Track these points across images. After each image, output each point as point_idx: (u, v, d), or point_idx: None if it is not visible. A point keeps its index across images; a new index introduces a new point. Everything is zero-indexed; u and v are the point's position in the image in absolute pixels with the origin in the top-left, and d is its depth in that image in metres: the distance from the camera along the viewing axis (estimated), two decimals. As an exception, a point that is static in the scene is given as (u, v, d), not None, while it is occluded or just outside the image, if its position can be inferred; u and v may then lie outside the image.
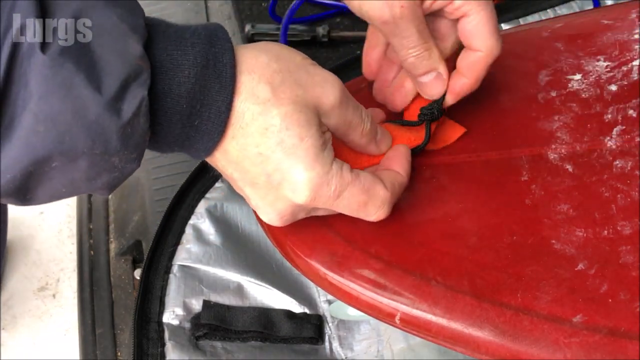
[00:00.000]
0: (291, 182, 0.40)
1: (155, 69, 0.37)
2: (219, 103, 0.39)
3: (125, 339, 0.66)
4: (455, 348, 0.41)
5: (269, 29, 0.91)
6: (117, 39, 0.35)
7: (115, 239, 0.74)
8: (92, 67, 0.34)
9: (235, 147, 0.40)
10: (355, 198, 0.42)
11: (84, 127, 0.34)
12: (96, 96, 0.34)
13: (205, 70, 0.38)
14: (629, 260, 0.41)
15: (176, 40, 0.38)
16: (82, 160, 0.35)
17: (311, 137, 0.40)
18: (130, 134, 0.36)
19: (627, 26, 0.55)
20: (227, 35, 0.40)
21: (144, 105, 0.36)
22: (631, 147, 0.46)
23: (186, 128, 0.39)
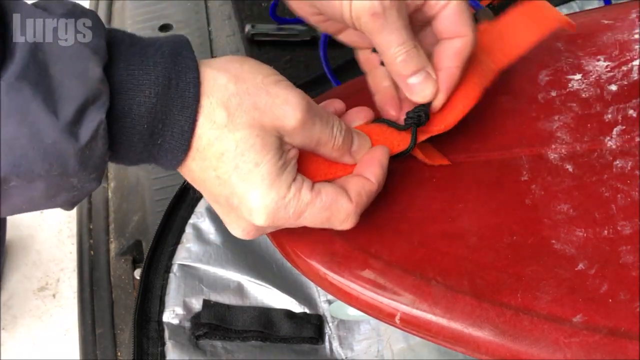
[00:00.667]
0: (247, 207, 0.40)
1: (116, 89, 0.37)
2: (182, 122, 0.38)
3: (125, 339, 0.66)
4: (455, 348, 0.41)
5: (269, 29, 0.91)
6: (76, 62, 0.35)
7: (115, 239, 0.74)
8: (50, 91, 0.34)
9: (196, 168, 0.40)
10: (316, 216, 0.42)
11: (40, 151, 0.34)
12: (53, 120, 0.34)
13: (167, 90, 0.38)
14: (629, 260, 0.41)
15: (139, 59, 0.38)
16: (40, 181, 0.36)
17: (267, 163, 0.39)
18: (89, 157, 0.36)
19: (627, 26, 0.55)
20: (191, 52, 0.39)
21: (102, 128, 0.36)
22: (631, 147, 0.46)
23: (148, 147, 0.39)
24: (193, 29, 0.96)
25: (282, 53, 0.90)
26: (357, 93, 0.54)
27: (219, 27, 0.96)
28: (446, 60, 0.46)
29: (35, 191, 0.36)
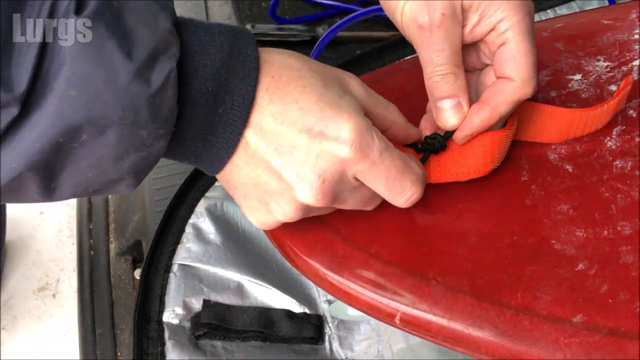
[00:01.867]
0: (335, 128, 0.39)
1: (183, 50, 0.38)
2: (242, 90, 0.39)
3: (125, 339, 0.66)
4: (455, 348, 0.41)
5: (269, 29, 0.91)
6: (147, 14, 0.36)
7: (115, 239, 0.74)
8: (124, 34, 0.35)
9: (274, 109, 0.40)
10: (395, 161, 0.41)
11: (114, 93, 0.35)
12: (127, 62, 0.35)
13: (230, 57, 0.39)
14: (629, 260, 0.41)
15: (204, 29, 0.39)
16: (112, 131, 0.35)
17: (349, 98, 0.41)
18: (159, 106, 0.36)
19: (627, 26, 0.55)
20: (251, 34, 0.41)
21: (173, 76, 0.36)
22: (631, 147, 0.46)
23: (210, 115, 0.39)
24: (193, 29, 0.95)
25: (282, 53, 0.90)
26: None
27: (219, 27, 0.96)
28: (488, 96, 0.44)
29: (105, 147, 0.36)
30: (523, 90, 0.43)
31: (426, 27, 0.43)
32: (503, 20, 0.42)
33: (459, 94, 0.44)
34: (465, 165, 0.46)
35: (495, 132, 0.45)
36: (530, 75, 0.43)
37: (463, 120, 0.45)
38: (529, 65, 0.43)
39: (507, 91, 0.43)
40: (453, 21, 0.42)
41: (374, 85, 0.55)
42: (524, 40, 0.42)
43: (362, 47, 0.89)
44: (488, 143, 0.45)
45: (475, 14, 0.43)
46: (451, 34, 0.43)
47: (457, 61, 0.44)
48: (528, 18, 0.43)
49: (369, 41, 0.89)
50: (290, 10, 0.96)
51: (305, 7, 0.96)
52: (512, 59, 0.43)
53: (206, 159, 0.41)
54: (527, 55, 0.43)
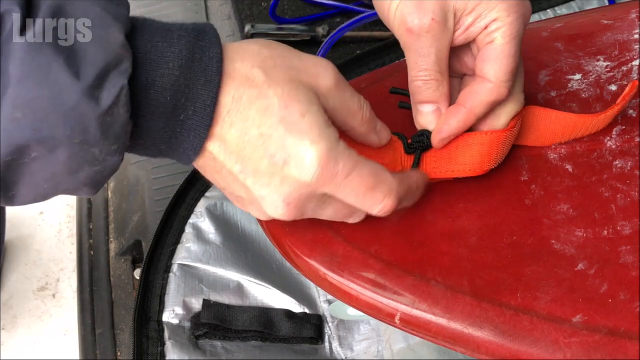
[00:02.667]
0: (297, 157, 0.38)
1: (139, 60, 0.37)
2: (205, 97, 0.38)
3: (125, 339, 0.66)
4: (455, 348, 0.41)
5: (269, 29, 0.91)
6: (98, 28, 0.35)
7: (115, 239, 0.74)
8: (72, 53, 0.34)
9: (235, 134, 0.39)
10: (364, 180, 0.39)
11: (61, 114, 0.34)
12: (74, 82, 0.34)
13: (191, 63, 0.37)
14: (629, 260, 0.41)
15: (162, 33, 0.38)
16: (62, 150, 0.35)
17: (313, 114, 0.39)
18: (110, 124, 0.35)
19: (627, 26, 0.55)
20: (215, 31, 0.39)
21: (124, 94, 0.35)
22: (631, 147, 0.46)
23: (171, 122, 0.38)
24: (193, 29, 0.95)
25: (282, 53, 0.90)
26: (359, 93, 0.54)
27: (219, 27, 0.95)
28: (463, 98, 0.44)
29: (58, 164, 0.35)
30: (499, 92, 0.43)
31: (415, 31, 0.43)
32: (496, 20, 0.42)
33: (440, 100, 0.44)
34: (462, 162, 0.46)
35: (496, 132, 0.45)
36: (507, 77, 0.43)
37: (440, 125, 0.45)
38: (507, 67, 0.43)
39: (482, 93, 0.43)
40: (442, 27, 0.42)
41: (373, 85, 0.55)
42: (510, 43, 0.43)
43: (362, 47, 0.89)
44: (486, 142, 0.45)
45: (469, 16, 0.43)
46: (439, 39, 0.43)
47: (441, 68, 0.43)
48: (521, 21, 0.43)
49: (369, 41, 0.89)
50: (290, 10, 0.96)
51: (305, 7, 0.96)
52: (494, 59, 0.43)
53: (175, 157, 0.40)
54: (509, 58, 0.43)
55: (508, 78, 0.43)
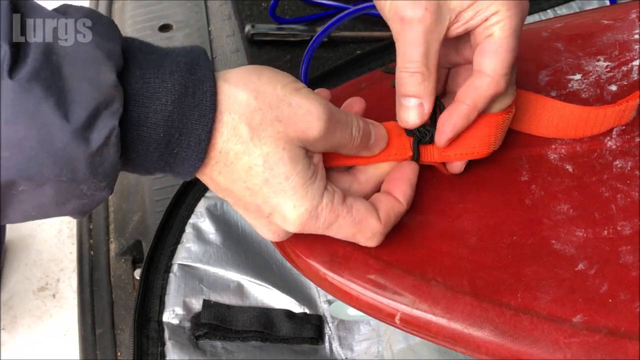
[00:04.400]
0: (281, 215, 0.40)
1: (131, 96, 0.36)
2: (199, 131, 0.38)
3: (125, 339, 0.66)
4: (455, 348, 0.41)
5: (269, 29, 0.91)
6: (90, 66, 0.35)
7: (115, 239, 0.74)
8: (62, 94, 0.34)
9: (223, 180, 0.40)
10: (344, 230, 0.42)
11: (50, 154, 0.34)
12: (64, 124, 0.34)
13: (184, 98, 0.37)
14: (629, 260, 0.41)
15: (154, 67, 0.37)
16: (49, 186, 0.35)
17: (297, 175, 0.40)
18: (99, 163, 0.35)
19: (627, 26, 0.55)
20: (208, 62, 0.39)
21: (114, 135, 0.35)
22: (631, 147, 0.46)
23: (164, 156, 0.38)
24: (193, 29, 0.95)
25: (282, 53, 0.90)
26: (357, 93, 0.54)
27: (219, 27, 0.96)
28: (464, 93, 0.44)
29: (45, 197, 0.36)
30: (497, 85, 0.43)
31: (407, 20, 0.42)
32: (496, 14, 0.42)
33: (423, 95, 0.44)
34: (469, 145, 0.45)
35: (496, 114, 0.45)
36: (505, 71, 0.43)
37: (421, 121, 0.44)
38: (506, 61, 0.43)
39: (481, 87, 0.43)
40: (435, 19, 0.42)
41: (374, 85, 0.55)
42: (510, 37, 0.43)
43: (362, 47, 0.89)
44: (492, 124, 0.45)
45: (468, 10, 0.43)
46: (430, 31, 0.42)
47: (429, 62, 0.43)
48: (519, 16, 0.43)
49: (369, 41, 0.89)
50: (290, 10, 0.96)
51: (305, 7, 0.96)
52: (492, 52, 0.43)
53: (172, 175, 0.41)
54: (507, 52, 0.43)
55: (506, 72, 0.43)
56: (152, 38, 0.94)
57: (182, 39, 0.94)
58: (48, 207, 0.37)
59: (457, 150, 0.46)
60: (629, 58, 0.52)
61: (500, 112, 0.45)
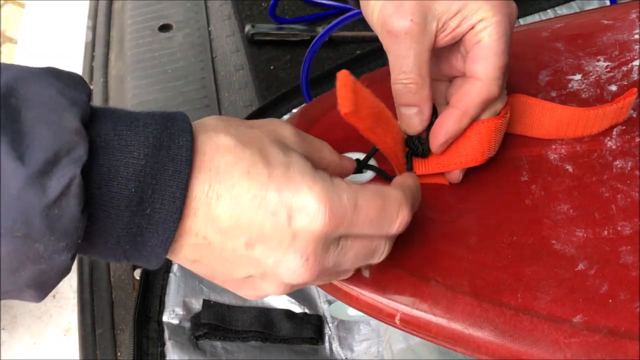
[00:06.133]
0: (300, 207, 0.35)
1: (100, 148, 0.33)
2: (174, 188, 0.34)
3: (125, 339, 0.66)
4: (455, 348, 0.41)
5: (269, 29, 0.91)
6: (51, 112, 0.32)
7: (115, 238, 0.74)
8: (18, 137, 0.31)
9: (224, 206, 0.35)
10: (371, 203, 0.37)
11: (3, 202, 0.30)
12: (18, 167, 0.30)
13: (158, 151, 0.34)
14: (629, 260, 0.41)
15: (127, 121, 0.35)
16: (2, 243, 0.31)
17: (296, 162, 0.36)
18: (57, 217, 0.32)
19: (627, 26, 0.55)
20: (185, 117, 0.36)
21: (75, 184, 0.32)
22: (631, 147, 0.46)
23: (136, 217, 0.34)
24: (193, 29, 0.96)
25: (282, 53, 0.90)
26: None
27: (219, 27, 0.96)
28: (456, 99, 0.44)
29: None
30: (489, 89, 0.43)
31: (394, 32, 0.42)
32: (483, 20, 0.42)
33: (420, 103, 0.44)
34: (463, 154, 0.46)
35: (490, 119, 0.45)
36: (496, 74, 0.43)
37: (422, 127, 0.45)
38: (496, 64, 0.43)
39: (474, 92, 0.43)
40: (422, 29, 0.42)
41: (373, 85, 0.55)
42: (498, 40, 0.42)
43: (362, 47, 0.89)
44: (484, 131, 0.45)
45: (454, 19, 0.43)
46: (418, 41, 0.42)
47: (421, 70, 0.43)
48: (507, 19, 0.43)
49: (369, 41, 0.90)
50: (290, 10, 0.96)
51: (305, 7, 0.96)
52: (483, 57, 0.43)
53: (141, 259, 0.36)
54: (497, 55, 0.43)
55: (497, 75, 0.43)
56: (152, 38, 0.94)
57: (182, 39, 0.94)
58: (1, 276, 0.32)
59: (453, 159, 0.46)
60: (629, 58, 0.52)
61: (494, 118, 0.45)
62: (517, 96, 0.48)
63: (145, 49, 0.92)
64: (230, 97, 0.87)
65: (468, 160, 0.46)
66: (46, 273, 0.33)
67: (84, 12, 1.02)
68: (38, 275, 0.33)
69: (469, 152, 0.46)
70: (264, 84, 0.86)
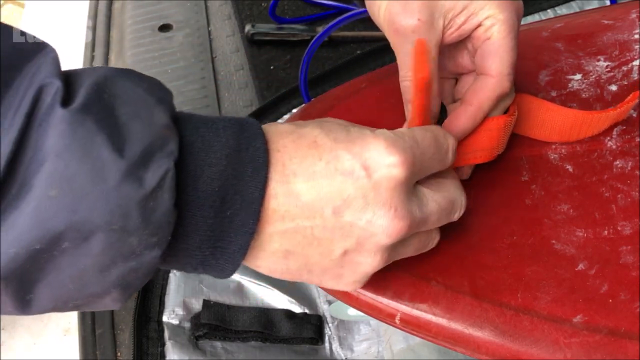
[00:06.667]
0: (374, 158, 0.36)
1: (186, 148, 0.34)
2: (252, 189, 0.35)
3: (125, 339, 0.66)
4: (455, 348, 0.41)
5: (269, 29, 0.91)
6: (141, 108, 0.33)
7: (115, 239, 0.74)
8: (115, 128, 0.32)
9: (303, 180, 0.36)
10: (424, 134, 0.38)
11: (102, 194, 0.31)
12: (117, 159, 0.31)
13: (238, 152, 0.35)
14: (629, 260, 0.41)
15: (206, 123, 0.36)
16: (97, 238, 0.31)
17: (352, 125, 0.38)
18: (152, 209, 0.32)
19: (627, 26, 0.55)
20: (257, 122, 0.37)
21: (169, 177, 0.32)
22: (631, 147, 0.46)
23: (218, 218, 0.35)
24: (193, 29, 0.96)
25: (282, 53, 0.90)
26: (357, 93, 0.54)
27: (219, 27, 0.96)
28: (470, 95, 0.44)
29: (89, 257, 0.32)
30: (502, 85, 0.43)
31: (401, 31, 0.43)
32: (489, 18, 0.43)
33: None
34: (472, 151, 0.46)
35: (499, 117, 0.45)
36: (508, 70, 0.43)
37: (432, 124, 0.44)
38: (508, 60, 0.43)
39: (487, 88, 0.44)
40: (429, 27, 0.42)
41: (373, 85, 0.55)
42: (507, 37, 0.43)
43: (362, 47, 0.89)
44: (493, 127, 0.45)
45: (460, 16, 0.43)
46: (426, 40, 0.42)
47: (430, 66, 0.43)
48: (514, 15, 0.43)
49: (369, 41, 0.89)
50: (290, 10, 0.96)
51: (305, 7, 0.96)
52: (494, 53, 0.43)
53: (217, 267, 0.37)
54: (508, 52, 0.43)
55: (509, 71, 0.43)
56: (152, 38, 0.94)
57: (182, 39, 0.94)
58: (90, 275, 0.33)
59: (463, 155, 0.46)
60: (629, 58, 0.52)
61: (503, 115, 0.45)
62: (523, 96, 0.48)
63: (145, 49, 0.92)
64: (230, 97, 0.87)
65: (477, 157, 0.46)
66: (134, 271, 0.34)
67: (84, 12, 1.02)
68: (127, 274, 0.33)
69: (478, 148, 0.46)
70: (264, 84, 0.86)
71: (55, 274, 0.32)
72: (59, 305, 0.34)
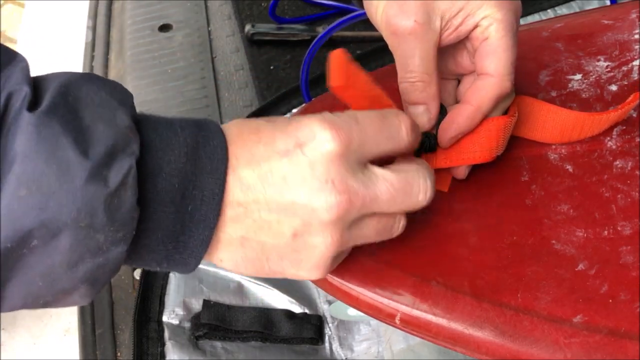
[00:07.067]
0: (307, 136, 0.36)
1: (145, 147, 0.36)
2: (212, 185, 0.36)
3: (125, 339, 0.66)
4: (455, 348, 0.41)
5: (269, 29, 0.91)
6: (104, 110, 0.35)
7: (115, 239, 0.74)
8: (79, 130, 0.33)
9: (245, 164, 0.37)
10: (370, 114, 0.38)
11: (69, 193, 0.32)
12: (83, 160, 0.33)
13: (196, 150, 0.37)
14: (629, 260, 0.41)
15: (165, 124, 0.37)
16: (65, 235, 0.33)
17: (295, 115, 0.40)
18: (117, 207, 0.34)
19: (627, 26, 0.55)
20: (216, 123, 0.39)
21: (132, 176, 0.34)
22: (631, 147, 0.46)
23: (180, 213, 0.36)
24: (193, 29, 0.96)
25: (282, 53, 0.90)
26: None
27: (219, 27, 0.96)
28: (469, 95, 0.44)
29: (57, 254, 0.33)
30: (502, 85, 0.43)
31: (398, 33, 0.43)
32: (486, 18, 0.43)
33: (428, 100, 0.44)
34: (470, 151, 0.46)
35: (499, 117, 0.45)
36: (508, 70, 0.43)
37: (431, 124, 0.45)
38: (507, 60, 0.43)
39: (486, 88, 0.44)
40: (426, 28, 0.42)
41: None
42: (506, 36, 0.43)
43: (362, 47, 0.89)
44: (493, 128, 0.45)
45: (458, 17, 0.43)
46: (423, 41, 0.43)
47: (428, 69, 0.43)
48: (512, 14, 0.43)
49: (369, 41, 0.89)
50: (290, 10, 0.96)
51: (305, 7, 0.96)
52: (492, 53, 0.43)
53: (180, 263, 0.38)
54: (507, 51, 0.43)
55: (509, 71, 0.43)
56: (152, 38, 0.94)
57: (182, 39, 0.94)
58: (59, 271, 0.34)
59: (461, 155, 0.46)
60: (629, 58, 0.52)
61: (504, 116, 0.45)
62: (523, 98, 0.48)
63: (145, 49, 0.92)
64: (230, 97, 0.87)
65: (476, 157, 0.46)
66: (102, 267, 0.35)
67: (84, 12, 1.02)
68: (94, 269, 0.35)
69: (477, 149, 0.46)
70: (264, 84, 0.86)
71: (26, 272, 0.34)
72: (29, 302, 0.36)
